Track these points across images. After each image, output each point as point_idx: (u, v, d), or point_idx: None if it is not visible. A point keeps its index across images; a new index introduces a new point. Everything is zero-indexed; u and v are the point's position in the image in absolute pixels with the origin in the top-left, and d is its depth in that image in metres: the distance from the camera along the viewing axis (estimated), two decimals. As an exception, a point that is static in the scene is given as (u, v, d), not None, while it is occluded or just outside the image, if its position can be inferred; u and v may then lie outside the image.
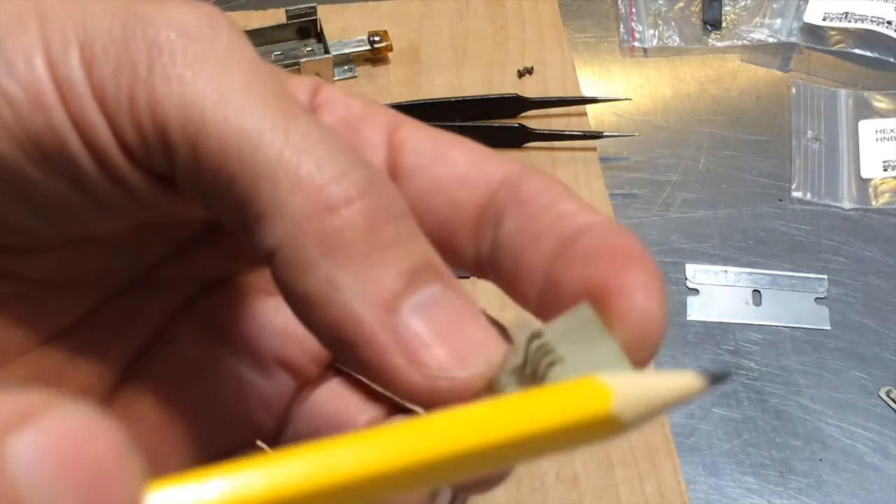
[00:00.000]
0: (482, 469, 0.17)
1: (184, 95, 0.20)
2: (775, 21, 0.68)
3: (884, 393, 0.53)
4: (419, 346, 0.19)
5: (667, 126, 0.64)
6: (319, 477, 0.15)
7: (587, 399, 0.17)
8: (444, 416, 0.17)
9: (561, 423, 0.17)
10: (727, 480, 0.50)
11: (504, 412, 0.17)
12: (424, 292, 0.20)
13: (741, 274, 0.57)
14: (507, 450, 0.17)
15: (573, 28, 0.69)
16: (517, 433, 0.17)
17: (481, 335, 0.20)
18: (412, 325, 0.20)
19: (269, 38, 0.63)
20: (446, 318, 0.20)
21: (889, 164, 0.62)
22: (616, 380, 0.18)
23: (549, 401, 0.17)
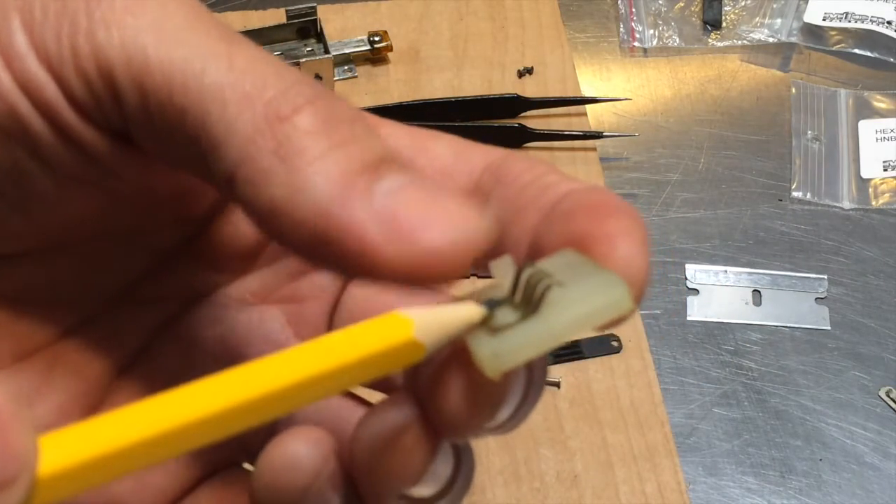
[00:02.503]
0: (312, 397, 0.19)
1: (124, 38, 0.20)
2: (775, 21, 0.68)
3: (884, 393, 0.53)
4: (394, 219, 0.19)
5: (667, 126, 0.64)
6: (148, 428, 0.17)
7: (393, 329, 0.19)
8: (267, 360, 0.19)
9: (374, 351, 0.19)
10: (727, 480, 0.50)
11: (323, 347, 0.19)
12: (392, 179, 0.20)
13: (741, 274, 0.57)
14: (332, 379, 0.19)
15: (573, 28, 0.69)
16: (335, 364, 0.19)
17: (458, 206, 0.20)
18: (384, 202, 0.19)
19: (269, 38, 0.63)
20: (419, 196, 0.19)
21: (889, 164, 0.62)
22: (414, 312, 0.20)
23: (361, 334, 0.19)
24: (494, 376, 0.19)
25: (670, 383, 0.53)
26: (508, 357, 0.19)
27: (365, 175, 0.19)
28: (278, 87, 0.20)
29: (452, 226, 0.19)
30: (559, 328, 0.19)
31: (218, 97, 0.19)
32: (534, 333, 0.19)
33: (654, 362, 0.53)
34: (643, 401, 0.51)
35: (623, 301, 0.19)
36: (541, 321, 0.19)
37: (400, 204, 0.19)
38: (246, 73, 0.20)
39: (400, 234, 0.19)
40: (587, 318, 0.19)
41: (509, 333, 0.19)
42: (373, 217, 0.19)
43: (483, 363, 0.19)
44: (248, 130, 0.19)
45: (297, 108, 0.20)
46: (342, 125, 0.20)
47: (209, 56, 0.20)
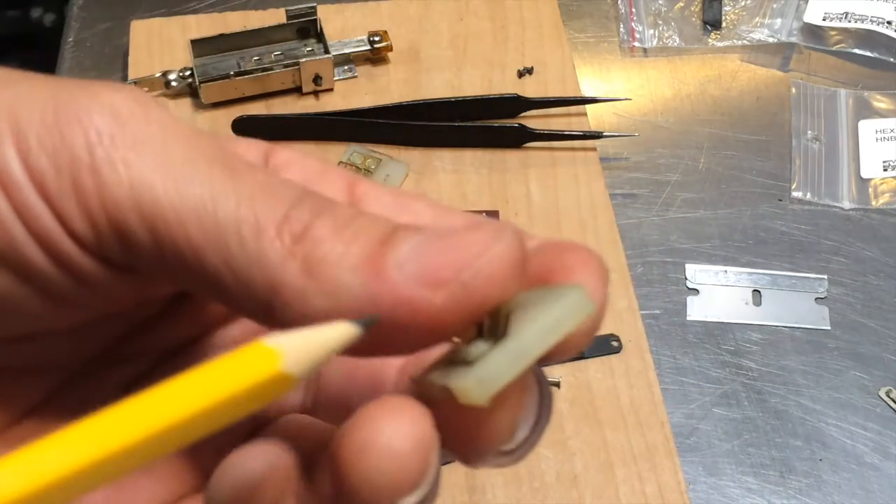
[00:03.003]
0: (184, 441, 0.18)
1: (132, 177, 0.20)
2: (775, 21, 0.68)
3: (884, 393, 0.53)
4: (430, 270, 0.20)
5: (667, 126, 0.64)
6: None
7: (259, 363, 0.19)
8: (130, 402, 0.18)
9: (236, 392, 0.18)
10: (727, 480, 0.50)
11: (176, 391, 0.18)
12: (408, 241, 0.20)
13: (741, 274, 0.57)
14: (201, 422, 0.18)
15: (573, 28, 0.69)
16: (202, 408, 0.18)
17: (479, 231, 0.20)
18: (413, 261, 0.20)
19: (269, 38, 0.63)
20: (440, 242, 0.20)
21: (889, 164, 0.62)
22: (280, 340, 0.19)
23: (221, 372, 0.19)
24: (483, 403, 0.19)
25: (670, 383, 0.53)
26: (492, 380, 0.19)
27: (384, 249, 0.20)
28: (283, 210, 0.20)
29: (484, 248, 0.20)
30: (531, 341, 0.19)
31: (234, 234, 0.20)
32: (509, 353, 0.20)
33: (654, 362, 0.53)
34: (643, 401, 0.51)
35: (582, 302, 0.20)
36: (512, 340, 0.20)
37: (428, 255, 0.20)
38: (254, 202, 0.20)
39: (441, 279, 0.19)
40: (554, 327, 0.20)
41: (486, 359, 0.20)
42: (410, 279, 0.20)
43: (469, 392, 0.19)
44: (272, 259, 0.20)
45: (306, 225, 0.20)
46: (348, 222, 0.21)
47: (218, 193, 0.20)
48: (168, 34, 0.65)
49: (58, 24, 1.14)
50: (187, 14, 0.67)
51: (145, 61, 0.63)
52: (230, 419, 0.19)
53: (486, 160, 0.60)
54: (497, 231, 0.20)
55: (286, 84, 0.62)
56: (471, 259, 0.20)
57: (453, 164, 0.60)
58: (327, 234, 0.20)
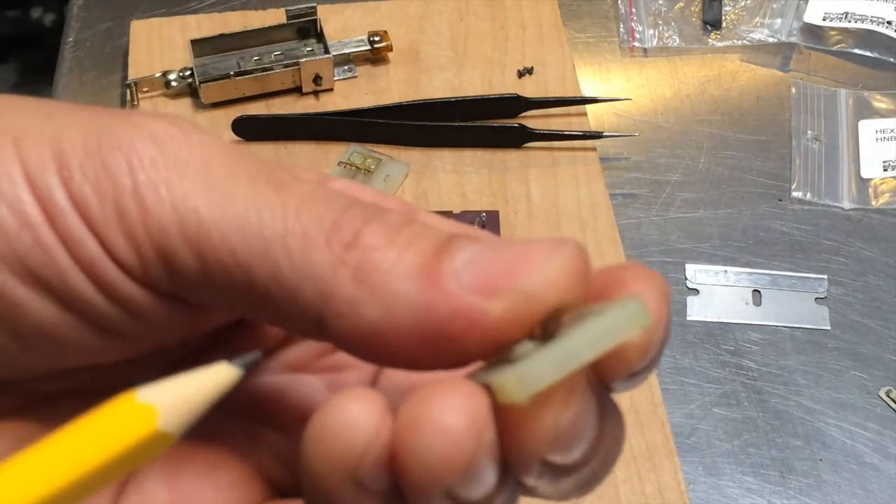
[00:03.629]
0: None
1: (175, 200, 0.20)
2: (775, 21, 0.68)
3: (884, 393, 0.53)
4: (488, 279, 0.19)
5: (667, 126, 0.64)
6: None
7: (131, 423, 0.17)
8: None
9: (109, 457, 0.17)
10: (727, 480, 0.50)
11: (45, 462, 0.16)
12: (465, 249, 0.20)
13: (741, 274, 0.57)
14: (62, 496, 0.16)
15: (573, 28, 0.69)
16: (58, 486, 0.16)
17: (540, 242, 0.20)
18: (470, 270, 0.19)
19: (269, 38, 0.63)
20: (498, 251, 0.20)
21: (889, 164, 0.62)
22: (155, 395, 0.18)
23: (93, 434, 0.17)
24: (522, 401, 0.19)
25: (670, 383, 0.53)
26: (533, 379, 0.19)
27: (440, 257, 0.20)
28: (333, 219, 0.20)
29: (546, 257, 0.19)
30: (579, 345, 0.19)
31: (281, 247, 0.20)
32: (555, 354, 0.19)
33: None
34: (643, 401, 0.51)
35: (638, 312, 0.19)
36: (560, 342, 0.19)
37: (486, 264, 0.19)
38: (300, 215, 0.20)
39: (500, 288, 0.19)
40: (605, 334, 0.19)
41: (530, 358, 0.19)
42: (467, 288, 0.19)
43: (508, 389, 0.19)
44: (322, 269, 0.20)
45: (356, 232, 0.20)
46: (400, 229, 0.20)
47: (262, 207, 0.20)
48: (168, 34, 0.65)
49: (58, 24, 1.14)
50: (187, 14, 0.67)
51: (145, 61, 0.63)
52: (98, 486, 0.17)
53: (486, 160, 0.60)
54: (559, 243, 0.20)
55: (286, 84, 0.62)
56: (531, 268, 0.19)
57: (453, 164, 0.60)
58: (379, 241, 0.20)
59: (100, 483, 0.17)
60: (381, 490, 0.20)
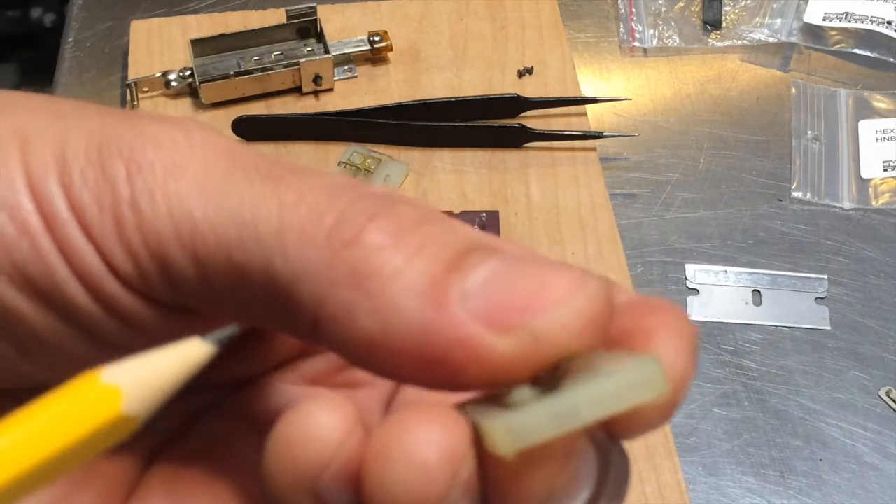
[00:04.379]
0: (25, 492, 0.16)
1: (170, 206, 0.19)
2: (775, 21, 0.68)
3: (884, 393, 0.53)
4: (499, 311, 0.17)
5: (667, 126, 0.64)
6: None
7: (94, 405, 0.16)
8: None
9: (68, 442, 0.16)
10: (727, 480, 0.50)
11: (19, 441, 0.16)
12: (482, 268, 0.18)
13: (741, 274, 0.57)
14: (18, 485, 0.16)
15: (573, 28, 0.69)
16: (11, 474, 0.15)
17: (563, 274, 0.18)
18: (482, 296, 0.17)
19: (269, 38, 0.63)
20: (517, 276, 0.18)
21: (889, 164, 0.62)
22: (119, 375, 0.17)
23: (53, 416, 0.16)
24: (508, 455, 0.17)
25: (670, 383, 0.53)
26: (524, 434, 0.17)
27: (451, 275, 0.18)
28: (335, 212, 0.18)
29: (566, 295, 0.17)
30: (581, 404, 0.17)
31: (277, 244, 0.18)
32: (552, 409, 0.17)
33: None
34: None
35: (655, 380, 0.17)
36: (561, 397, 0.17)
37: (500, 291, 0.17)
38: (298, 208, 0.18)
39: (510, 324, 0.17)
40: (614, 396, 0.17)
41: (525, 409, 0.17)
42: (474, 317, 0.17)
43: (495, 440, 0.17)
44: (318, 267, 0.18)
45: (360, 227, 0.18)
46: (412, 229, 0.18)
47: (258, 203, 0.19)
48: (168, 34, 0.65)
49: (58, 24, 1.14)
50: (187, 14, 0.67)
51: (145, 61, 0.63)
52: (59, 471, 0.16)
53: (486, 160, 0.60)
54: (584, 278, 0.18)
55: (286, 84, 0.62)
56: (548, 305, 0.17)
57: (453, 164, 0.60)
58: (385, 241, 0.18)
59: (61, 468, 0.16)
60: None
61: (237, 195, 0.19)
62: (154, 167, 0.19)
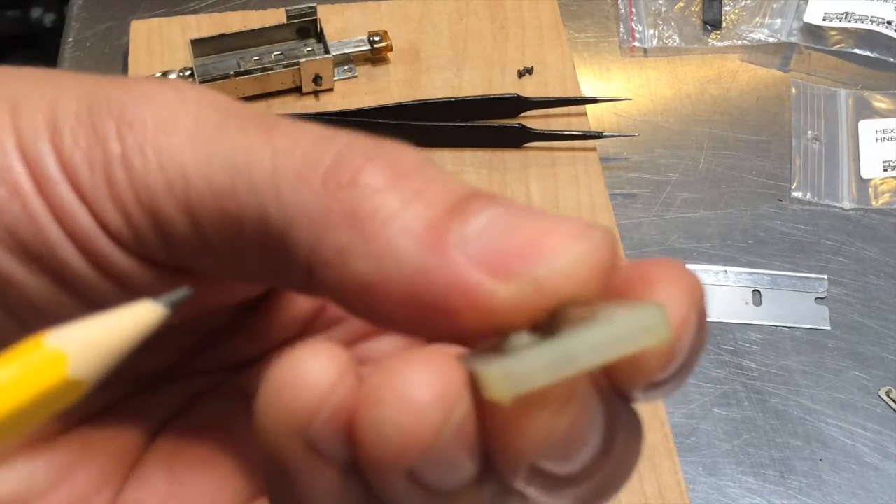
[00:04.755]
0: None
1: (161, 160, 0.19)
2: (775, 21, 0.68)
3: (884, 393, 0.53)
4: (500, 256, 0.17)
5: (667, 126, 0.64)
6: None
7: (40, 371, 0.16)
8: None
9: (13, 407, 0.16)
10: (727, 480, 0.50)
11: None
12: (483, 214, 0.17)
13: (741, 274, 0.57)
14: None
15: (573, 28, 0.69)
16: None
17: (566, 222, 0.17)
18: (483, 241, 0.17)
19: (269, 38, 0.63)
20: (519, 223, 0.17)
21: (889, 164, 0.62)
22: (66, 338, 0.16)
23: (1, 381, 0.16)
24: (505, 401, 0.16)
25: (670, 383, 0.53)
26: (521, 379, 0.16)
27: (452, 219, 0.17)
28: (331, 154, 0.18)
29: (568, 243, 0.17)
30: (580, 349, 0.16)
31: (271, 189, 0.18)
32: (551, 354, 0.16)
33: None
34: (643, 401, 0.51)
35: (657, 323, 0.17)
36: (560, 341, 0.16)
37: (501, 237, 0.17)
38: (293, 153, 0.18)
39: (511, 270, 0.17)
40: (614, 341, 0.17)
41: (522, 354, 0.17)
42: (474, 262, 0.17)
43: (491, 385, 0.16)
44: (312, 211, 0.17)
45: (357, 169, 0.18)
46: (411, 173, 0.18)
47: (250, 150, 0.18)
48: (168, 34, 0.65)
49: (58, 24, 1.14)
50: (187, 14, 0.67)
51: (145, 61, 0.63)
52: (2, 438, 0.16)
53: (486, 160, 0.60)
54: (586, 228, 0.17)
55: (286, 84, 0.62)
56: (550, 252, 0.17)
57: (453, 164, 0.60)
58: (383, 183, 0.17)
59: (7, 434, 0.16)
60: (338, 460, 0.18)
61: (229, 144, 0.19)
62: (145, 123, 0.19)
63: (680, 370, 0.19)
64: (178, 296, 0.17)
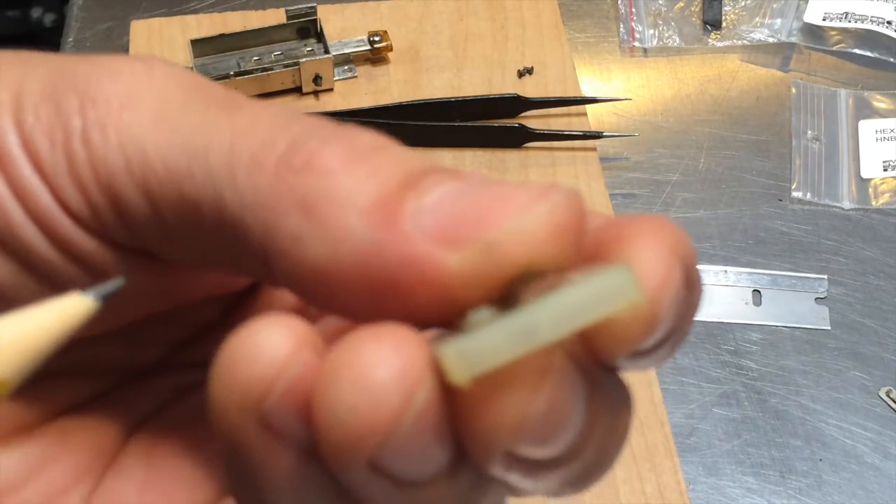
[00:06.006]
0: None
1: (122, 138, 0.18)
2: (775, 21, 0.68)
3: (884, 393, 0.53)
4: (452, 225, 0.16)
5: (667, 126, 0.64)
6: None
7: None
8: None
9: None
10: (727, 480, 0.50)
11: None
12: (440, 187, 0.16)
13: (741, 274, 0.57)
14: None
15: (573, 28, 0.69)
16: None
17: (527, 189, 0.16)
18: (437, 212, 0.16)
19: (269, 38, 0.63)
20: (477, 193, 0.16)
21: (889, 164, 0.62)
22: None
23: None
24: (462, 383, 0.15)
25: (670, 383, 0.53)
26: (477, 358, 0.15)
27: (406, 193, 0.16)
28: (288, 138, 0.17)
29: (524, 205, 0.16)
30: (542, 320, 0.15)
31: (226, 173, 0.17)
32: (510, 328, 0.15)
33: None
34: (643, 401, 0.51)
35: (624, 288, 0.15)
36: (519, 314, 0.15)
37: (455, 208, 0.16)
38: (250, 135, 0.17)
39: (463, 238, 0.16)
40: (577, 308, 0.15)
41: (480, 331, 0.15)
42: (426, 234, 0.16)
43: (449, 367, 0.15)
44: (266, 196, 0.17)
45: (311, 153, 0.17)
46: (367, 154, 0.17)
47: (210, 131, 0.18)
48: (168, 34, 0.65)
49: (58, 24, 1.14)
50: (187, 14, 0.67)
51: (145, 61, 0.63)
52: None
53: (486, 160, 0.60)
54: (547, 189, 0.16)
55: (286, 84, 0.62)
56: (503, 217, 0.16)
57: (453, 164, 0.60)
58: (337, 165, 0.17)
59: None
60: (296, 442, 0.17)
61: (190, 124, 0.18)
62: (109, 99, 0.18)
63: (670, 335, 0.17)
64: (109, 288, 0.17)
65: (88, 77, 0.19)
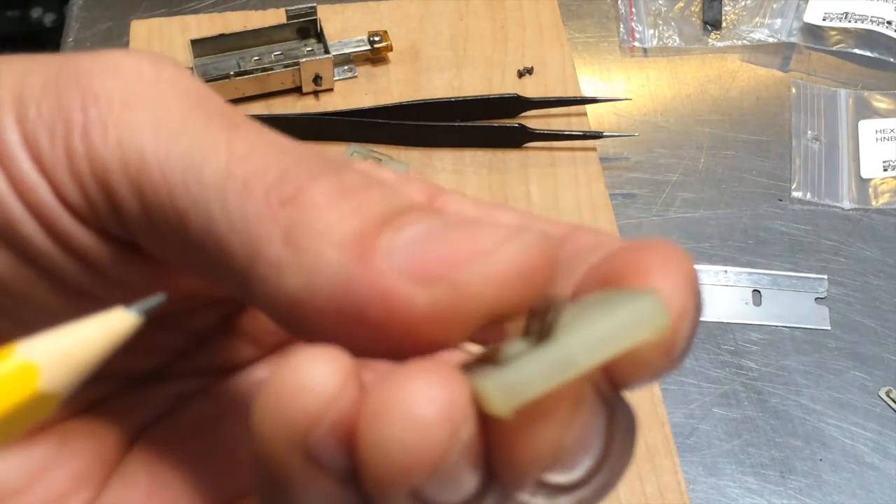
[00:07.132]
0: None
1: (121, 137, 0.18)
2: (775, 21, 0.68)
3: (884, 393, 0.53)
4: (423, 264, 0.16)
5: (667, 126, 0.64)
6: None
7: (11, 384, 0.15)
8: None
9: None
10: (727, 480, 0.50)
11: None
12: (416, 226, 0.17)
13: (741, 274, 0.57)
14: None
15: (573, 28, 0.69)
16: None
17: (499, 230, 0.17)
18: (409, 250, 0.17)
19: (269, 38, 0.63)
20: (450, 234, 0.17)
21: (889, 164, 0.62)
22: (37, 349, 0.15)
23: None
24: (505, 415, 0.16)
25: (670, 383, 0.53)
26: (518, 389, 0.15)
27: (384, 229, 0.17)
28: (280, 169, 0.18)
29: (493, 246, 0.16)
30: (578, 350, 0.16)
31: (218, 193, 0.18)
32: (548, 359, 0.15)
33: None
34: (643, 401, 0.51)
35: (654, 311, 0.16)
36: (555, 345, 0.16)
37: (428, 247, 0.17)
38: (246, 160, 0.18)
39: (432, 276, 0.16)
40: (612, 337, 0.16)
41: (518, 363, 0.16)
42: (398, 270, 0.16)
43: (490, 400, 0.16)
44: (253, 223, 0.17)
45: (300, 186, 0.17)
46: (354, 191, 0.18)
47: (208, 147, 0.18)
48: (168, 34, 0.65)
49: (58, 24, 1.14)
50: (187, 14, 0.67)
51: (145, 61, 0.63)
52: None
53: (486, 160, 0.60)
54: (518, 231, 0.17)
55: (286, 84, 0.62)
56: (472, 256, 0.16)
57: (453, 164, 0.60)
58: (322, 201, 0.17)
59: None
60: (337, 471, 0.17)
61: (190, 136, 0.18)
62: (111, 97, 0.19)
63: (678, 356, 0.18)
64: (151, 303, 0.17)
65: (91, 72, 0.19)
